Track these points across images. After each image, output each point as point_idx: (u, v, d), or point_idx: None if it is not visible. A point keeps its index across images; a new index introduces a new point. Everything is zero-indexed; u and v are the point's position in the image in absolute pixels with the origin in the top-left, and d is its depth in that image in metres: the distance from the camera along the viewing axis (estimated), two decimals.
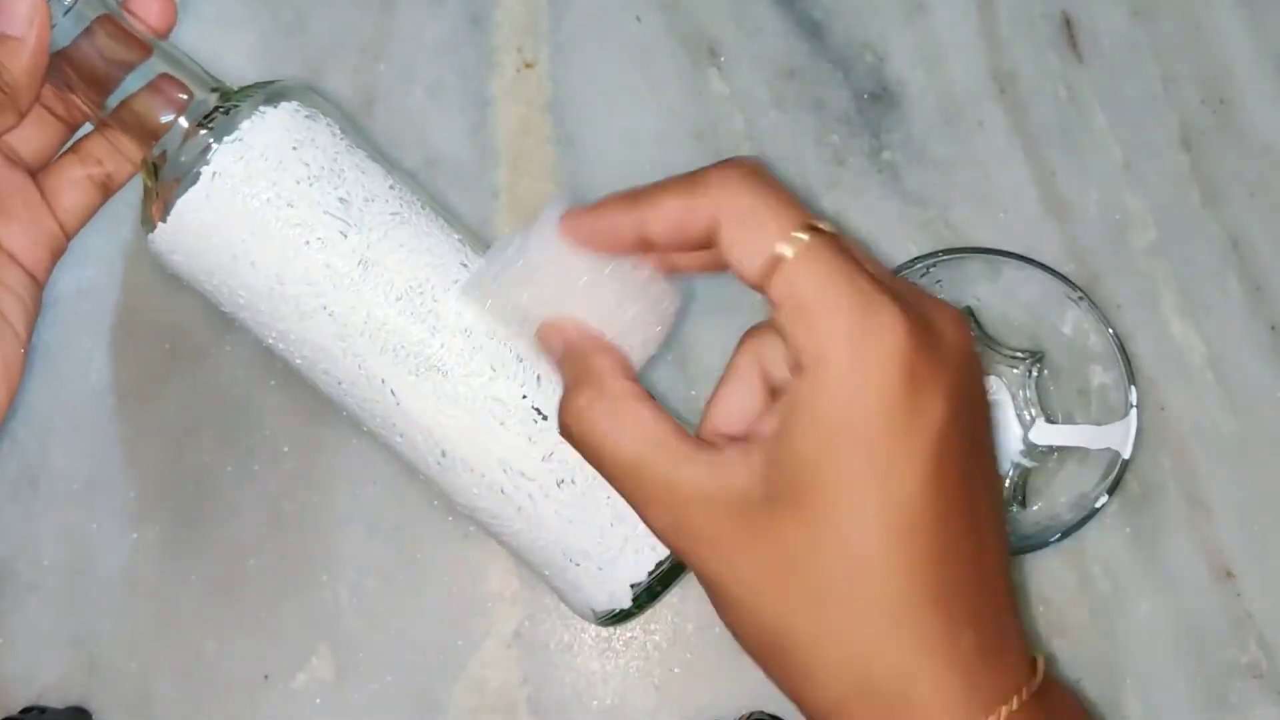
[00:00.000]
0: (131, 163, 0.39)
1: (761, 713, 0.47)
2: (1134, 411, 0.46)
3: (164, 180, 0.37)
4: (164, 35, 0.38)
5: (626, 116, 0.55)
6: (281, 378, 0.51)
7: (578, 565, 0.39)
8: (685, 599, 0.49)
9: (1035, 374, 0.50)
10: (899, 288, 0.29)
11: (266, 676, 0.49)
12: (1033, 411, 0.50)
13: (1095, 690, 0.49)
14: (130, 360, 0.52)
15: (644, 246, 0.32)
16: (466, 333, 0.38)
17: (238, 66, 0.55)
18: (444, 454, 0.39)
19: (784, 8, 0.56)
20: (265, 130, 0.37)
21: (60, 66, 0.37)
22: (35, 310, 0.39)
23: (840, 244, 0.29)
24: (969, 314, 0.50)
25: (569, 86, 0.55)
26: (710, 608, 0.31)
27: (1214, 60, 0.55)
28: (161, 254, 0.38)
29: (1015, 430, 0.49)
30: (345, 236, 0.37)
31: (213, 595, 0.50)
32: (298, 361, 0.39)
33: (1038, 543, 0.46)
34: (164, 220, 0.37)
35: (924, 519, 0.28)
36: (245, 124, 0.37)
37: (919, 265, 0.48)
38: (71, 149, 0.41)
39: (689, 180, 0.30)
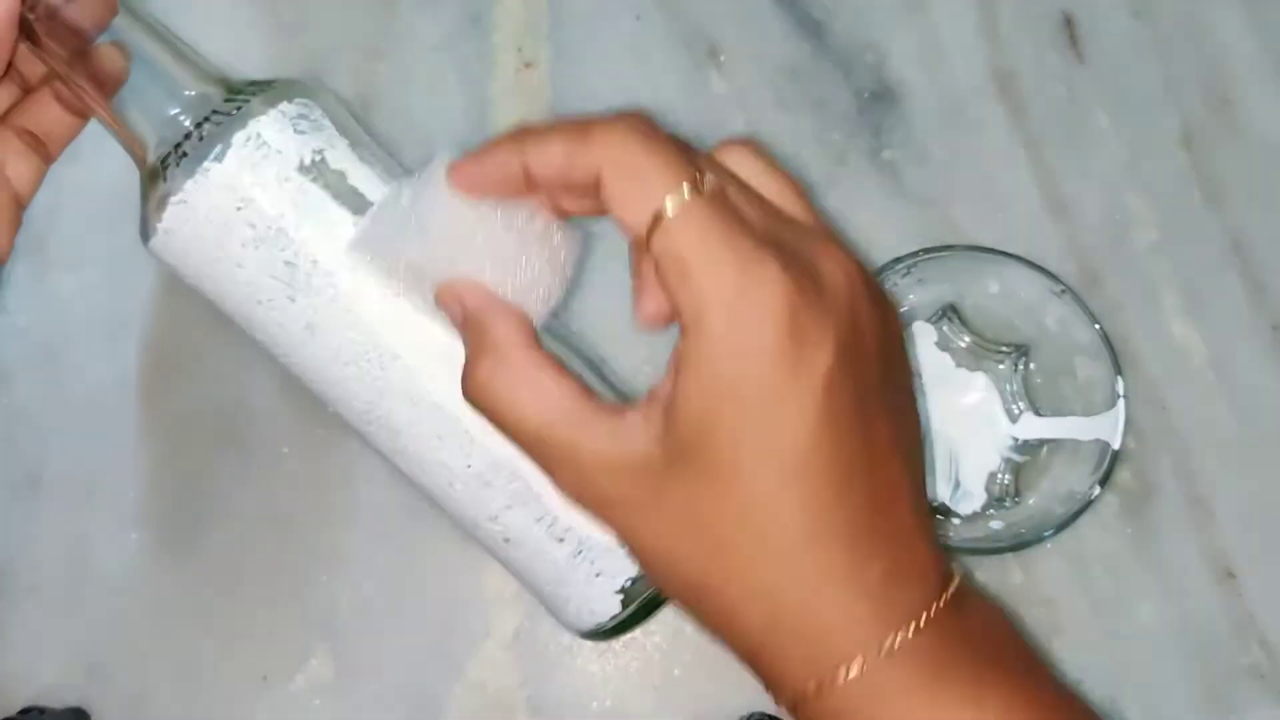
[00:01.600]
0: (98, 115, 0.38)
1: (761, 713, 0.47)
2: (1122, 402, 0.46)
3: (150, 198, 0.37)
4: None
5: None
6: (281, 378, 0.51)
7: (552, 595, 0.40)
8: None
9: (1021, 368, 0.50)
10: (785, 238, 0.30)
11: (265, 677, 0.49)
12: (1021, 405, 0.50)
13: (1095, 690, 0.49)
14: (130, 360, 0.52)
15: (530, 187, 0.32)
16: (413, 401, 0.37)
17: (238, 67, 0.55)
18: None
19: (784, 7, 0.56)
20: (209, 190, 0.36)
21: (33, 28, 0.36)
22: None
23: (721, 201, 0.29)
24: (952, 310, 0.50)
25: (569, 86, 0.55)
26: None
27: (1215, 60, 0.55)
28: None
29: (1004, 425, 0.49)
30: (293, 300, 0.37)
31: (212, 595, 0.50)
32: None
33: (1033, 538, 0.46)
34: (150, 239, 0.37)
35: (815, 462, 0.29)
36: (189, 184, 0.36)
37: (901, 265, 0.48)
38: (2, 120, 0.39)
39: (577, 127, 0.30)
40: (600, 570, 0.38)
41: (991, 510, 0.49)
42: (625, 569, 0.38)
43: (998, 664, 0.31)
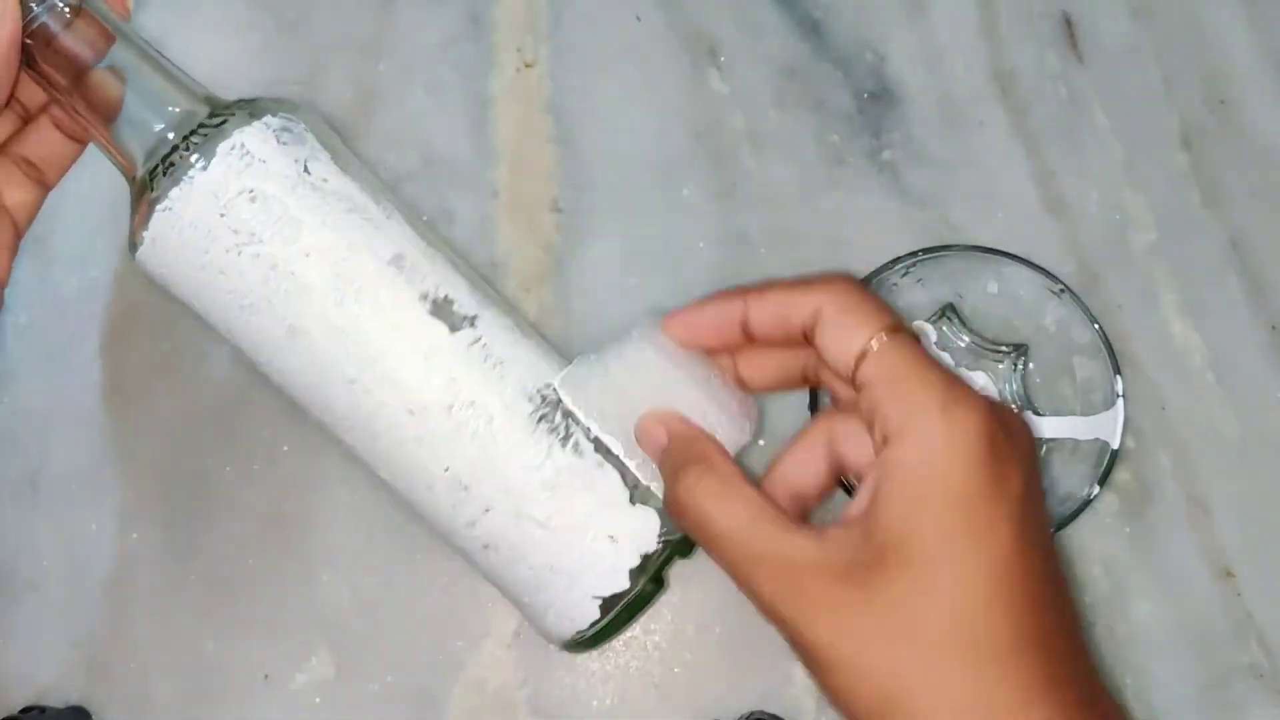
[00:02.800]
0: (95, 139, 0.39)
1: (762, 712, 0.47)
2: (1120, 401, 0.46)
3: (137, 211, 0.37)
4: (125, 18, 0.38)
5: (626, 116, 0.55)
6: None
7: (530, 603, 0.40)
8: (686, 600, 0.49)
9: (1021, 368, 0.50)
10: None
11: (266, 676, 0.49)
12: (1020, 405, 0.50)
13: None
14: (130, 360, 0.52)
15: (741, 338, 0.36)
16: (390, 404, 0.38)
17: (239, 67, 0.55)
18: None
19: (784, 7, 0.56)
20: (193, 197, 0.37)
21: (32, 54, 0.36)
22: None
23: (920, 344, 0.33)
24: (951, 310, 0.50)
25: (569, 86, 0.55)
26: (711, 607, 0.31)
27: (1214, 60, 0.55)
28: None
29: None
30: (273, 305, 0.38)
31: (212, 595, 0.50)
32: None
33: None
34: (137, 249, 0.38)
35: (1017, 573, 0.30)
36: (174, 191, 0.37)
37: (900, 265, 0.48)
38: (1, 149, 0.40)
39: (794, 280, 0.34)
40: (576, 577, 0.39)
41: None
42: (603, 578, 0.38)
43: None
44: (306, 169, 0.38)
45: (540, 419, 0.38)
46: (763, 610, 0.32)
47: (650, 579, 0.38)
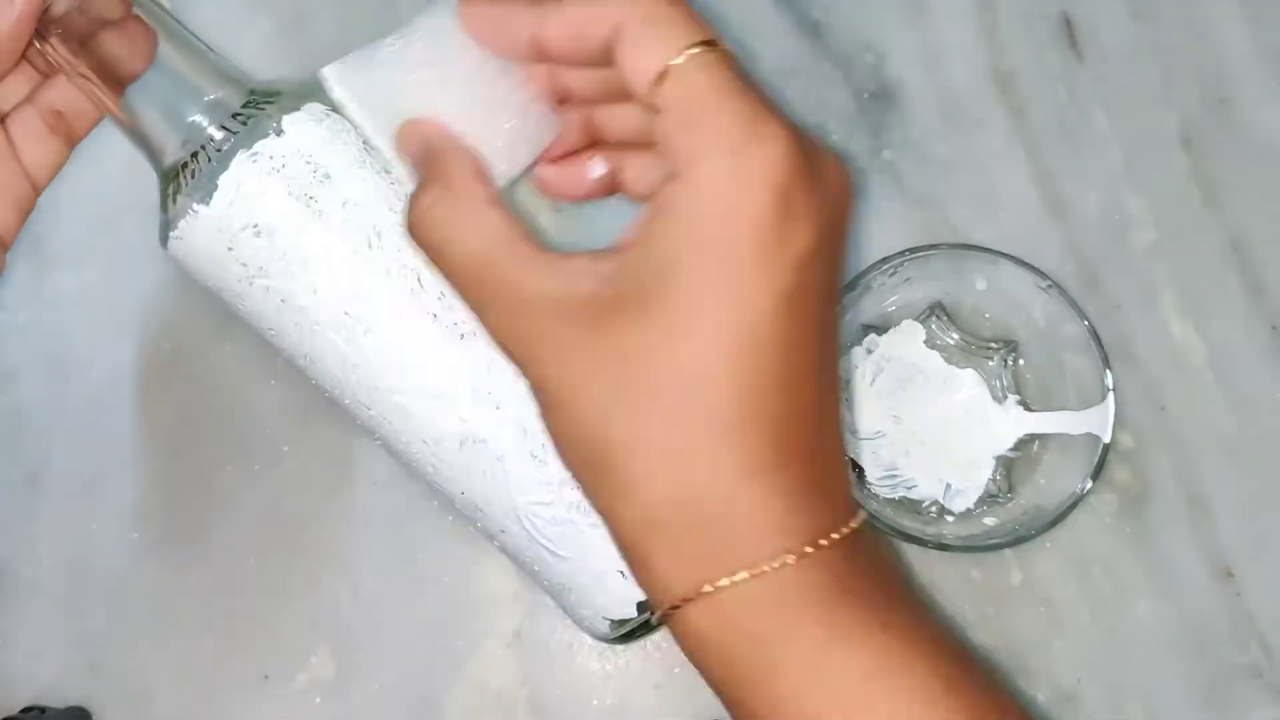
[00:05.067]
0: (109, 114, 0.38)
1: None
2: (1111, 395, 0.46)
3: (168, 204, 0.37)
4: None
5: None
6: (281, 378, 0.51)
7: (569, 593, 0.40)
8: None
9: (1011, 364, 0.50)
10: (787, 120, 0.29)
11: (266, 676, 0.49)
12: (1011, 401, 0.50)
13: (1095, 690, 0.49)
14: (131, 360, 0.52)
15: (537, 52, 0.31)
16: (402, 411, 0.38)
17: (239, 66, 0.55)
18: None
19: (784, 7, 0.56)
20: (199, 231, 0.36)
21: (46, 26, 0.35)
22: None
23: (736, 61, 0.28)
24: (940, 309, 0.50)
25: None
26: None
27: (1214, 60, 0.55)
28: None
29: (995, 421, 0.49)
30: (288, 334, 0.38)
31: (213, 595, 0.50)
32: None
33: (1028, 534, 0.46)
34: (167, 243, 0.38)
35: (770, 345, 0.28)
36: (182, 223, 0.36)
37: (888, 264, 0.48)
38: (27, 99, 0.38)
39: None
40: (586, 598, 0.39)
41: (984, 507, 0.49)
42: (613, 605, 0.38)
43: (894, 599, 0.29)
44: (312, 197, 0.37)
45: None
46: (497, 345, 0.30)
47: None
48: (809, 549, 0.28)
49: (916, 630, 0.29)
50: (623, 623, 0.38)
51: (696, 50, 0.28)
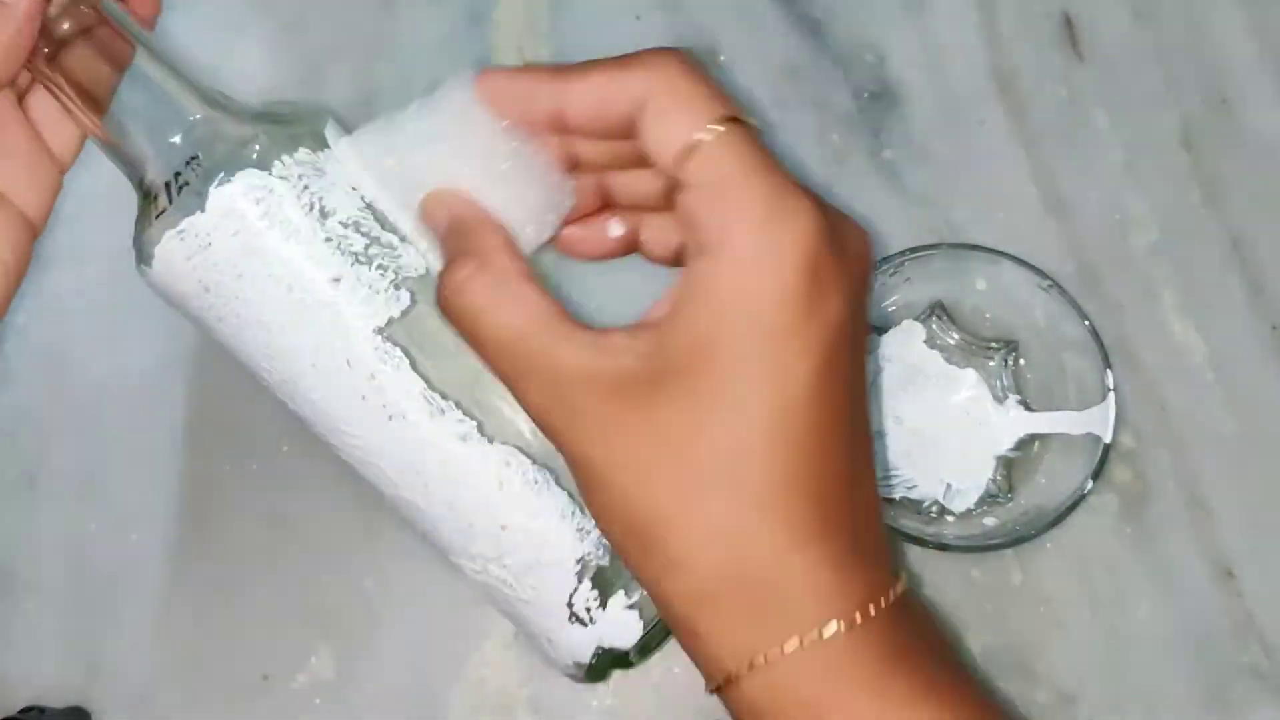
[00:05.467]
0: (89, 132, 0.37)
1: None
2: (1111, 395, 0.46)
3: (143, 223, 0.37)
4: (150, 25, 0.37)
5: None
6: None
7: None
8: None
9: (1011, 364, 0.50)
10: (812, 193, 0.29)
11: (266, 676, 0.49)
12: (1011, 401, 0.50)
13: (1095, 690, 0.49)
14: (130, 360, 0.52)
15: (557, 124, 0.31)
16: (359, 462, 0.38)
17: (239, 67, 0.55)
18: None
19: (784, 7, 0.56)
20: (158, 275, 0.36)
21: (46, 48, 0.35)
22: (22, 273, 0.37)
23: (759, 136, 0.29)
24: (940, 308, 0.50)
25: None
26: None
27: (1215, 60, 0.55)
28: None
29: (995, 421, 0.49)
30: (259, 375, 0.37)
31: (213, 595, 0.50)
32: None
33: (1029, 534, 0.46)
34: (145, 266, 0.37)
35: (809, 413, 0.28)
36: (143, 268, 0.36)
37: (888, 264, 0.48)
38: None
39: (619, 60, 0.30)
40: (552, 641, 0.38)
41: (985, 507, 0.49)
42: (575, 649, 0.38)
43: (940, 663, 0.30)
44: (324, 208, 0.35)
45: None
46: (534, 421, 0.30)
47: (623, 657, 0.37)
48: (859, 617, 0.28)
49: (962, 694, 0.30)
50: (583, 666, 0.38)
51: (722, 126, 0.28)
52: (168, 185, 0.36)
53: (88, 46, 0.35)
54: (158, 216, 0.35)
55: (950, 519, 0.49)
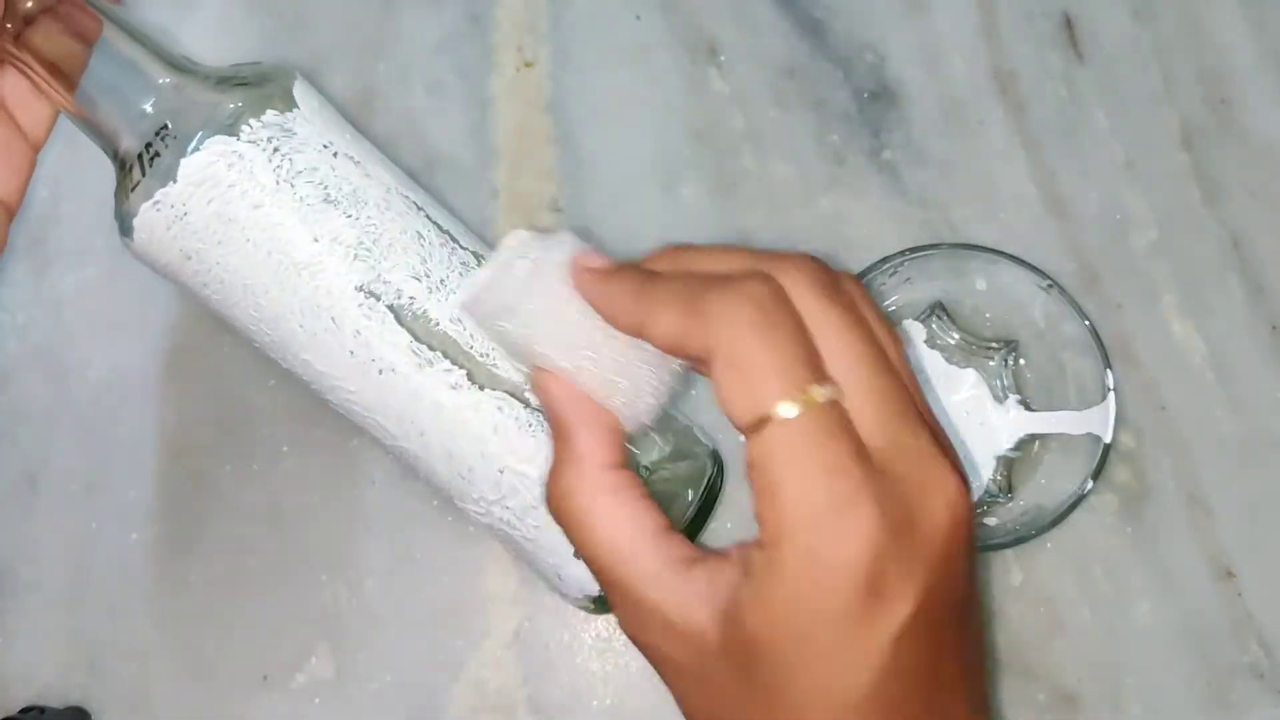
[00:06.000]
0: (59, 106, 0.37)
1: None
2: (1111, 395, 0.46)
3: (121, 194, 0.37)
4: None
5: (626, 116, 0.55)
6: (281, 378, 0.51)
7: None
8: None
9: (1011, 364, 0.50)
10: (893, 459, 0.28)
11: (266, 676, 0.49)
12: (1011, 401, 0.50)
13: (1095, 690, 0.49)
14: (130, 360, 0.52)
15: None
16: (359, 418, 0.39)
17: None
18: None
19: (784, 7, 0.56)
20: (140, 244, 0.36)
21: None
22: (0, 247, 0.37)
23: (830, 417, 0.28)
24: (940, 308, 0.50)
25: (569, 86, 0.55)
26: None
27: (1215, 60, 0.55)
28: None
29: (995, 421, 0.49)
30: (251, 337, 0.38)
31: (212, 595, 0.50)
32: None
33: (1029, 534, 0.46)
34: (128, 237, 0.37)
35: (882, 701, 0.28)
36: (125, 239, 0.36)
37: (888, 265, 0.48)
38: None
39: (692, 300, 0.29)
40: (563, 577, 0.39)
41: (985, 507, 0.49)
42: (588, 584, 0.39)
43: None
44: (295, 168, 0.36)
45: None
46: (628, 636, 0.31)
47: None
48: None
49: None
50: (599, 596, 0.39)
51: (791, 407, 0.27)
52: (140, 156, 0.35)
53: (54, 23, 0.35)
54: (133, 189, 0.35)
55: None
